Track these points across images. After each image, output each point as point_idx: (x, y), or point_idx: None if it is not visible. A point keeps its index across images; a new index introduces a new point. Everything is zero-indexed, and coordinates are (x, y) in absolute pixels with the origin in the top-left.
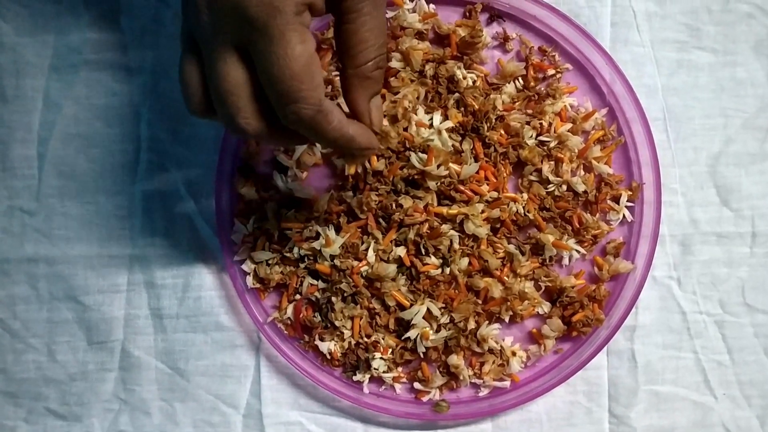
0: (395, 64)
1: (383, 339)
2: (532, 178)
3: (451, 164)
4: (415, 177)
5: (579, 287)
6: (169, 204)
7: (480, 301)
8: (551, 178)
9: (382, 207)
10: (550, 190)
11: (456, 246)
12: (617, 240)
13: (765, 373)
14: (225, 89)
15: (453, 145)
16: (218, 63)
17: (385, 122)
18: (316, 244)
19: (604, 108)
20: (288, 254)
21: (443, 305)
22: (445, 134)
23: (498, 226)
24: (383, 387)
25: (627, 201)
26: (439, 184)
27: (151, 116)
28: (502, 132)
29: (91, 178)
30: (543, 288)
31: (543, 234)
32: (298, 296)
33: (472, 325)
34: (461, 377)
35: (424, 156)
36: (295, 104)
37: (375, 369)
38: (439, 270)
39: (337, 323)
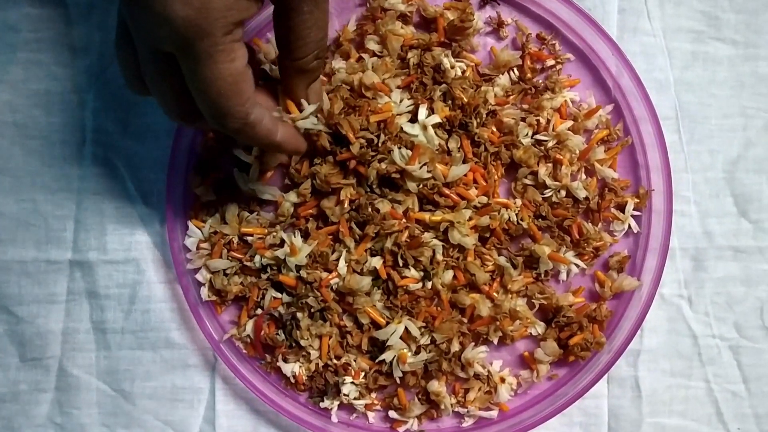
0: (373, 46)
1: (355, 361)
2: (527, 181)
3: (437, 164)
4: (393, 176)
5: (577, 306)
6: (115, 204)
7: (465, 320)
8: (548, 182)
9: (356, 207)
10: (546, 195)
11: (439, 257)
12: (621, 253)
13: None
14: (155, 89)
15: (439, 144)
16: (147, 64)
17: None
18: (280, 253)
19: (610, 104)
20: (248, 263)
21: (423, 324)
22: (431, 131)
23: (487, 235)
24: (354, 415)
25: (633, 209)
26: (420, 186)
27: (98, 104)
28: (494, 129)
29: (27, 173)
30: (537, 306)
31: (538, 245)
32: (259, 311)
33: (455, 347)
34: (443, 406)
35: (408, 152)
36: (221, 119)
37: (345, 395)
38: (420, 284)
39: (302, 342)
